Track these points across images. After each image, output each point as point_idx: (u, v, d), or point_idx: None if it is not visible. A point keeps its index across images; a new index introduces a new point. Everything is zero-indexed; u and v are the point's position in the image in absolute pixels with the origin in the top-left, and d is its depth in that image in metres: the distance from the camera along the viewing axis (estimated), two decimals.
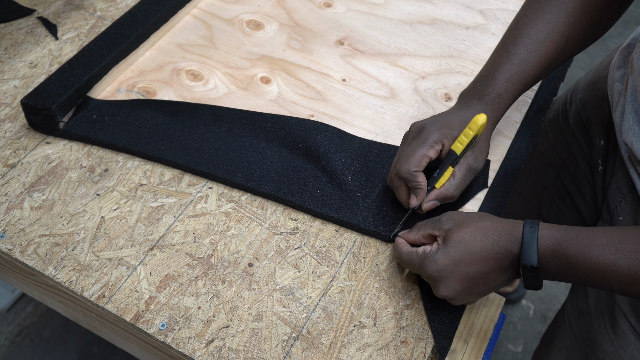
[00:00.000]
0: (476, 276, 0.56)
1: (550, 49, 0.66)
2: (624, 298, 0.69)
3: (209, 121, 0.75)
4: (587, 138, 0.83)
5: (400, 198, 0.66)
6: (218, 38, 0.86)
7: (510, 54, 0.66)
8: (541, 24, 0.66)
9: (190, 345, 0.58)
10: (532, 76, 0.66)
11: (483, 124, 0.62)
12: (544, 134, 0.94)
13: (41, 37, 0.84)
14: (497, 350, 1.46)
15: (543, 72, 0.67)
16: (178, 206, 0.68)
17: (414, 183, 0.63)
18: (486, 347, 0.62)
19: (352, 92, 0.81)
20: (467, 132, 0.63)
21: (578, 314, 0.78)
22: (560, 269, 0.53)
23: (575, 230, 0.53)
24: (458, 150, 0.63)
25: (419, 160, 0.62)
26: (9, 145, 0.72)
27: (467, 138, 0.63)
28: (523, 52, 0.65)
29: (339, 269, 0.64)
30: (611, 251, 0.51)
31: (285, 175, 0.70)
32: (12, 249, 0.64)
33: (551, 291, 1.58)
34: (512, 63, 0.66)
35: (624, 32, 2.20)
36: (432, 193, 0.64)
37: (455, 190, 0.65)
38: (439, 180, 0.64)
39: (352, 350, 0.59)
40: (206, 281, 0.62)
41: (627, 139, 0.65)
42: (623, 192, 0.70)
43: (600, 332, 0.73)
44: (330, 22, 0.90)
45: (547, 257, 0.53)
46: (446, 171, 0.64)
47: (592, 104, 0.82)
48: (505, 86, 0.66)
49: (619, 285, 0.51)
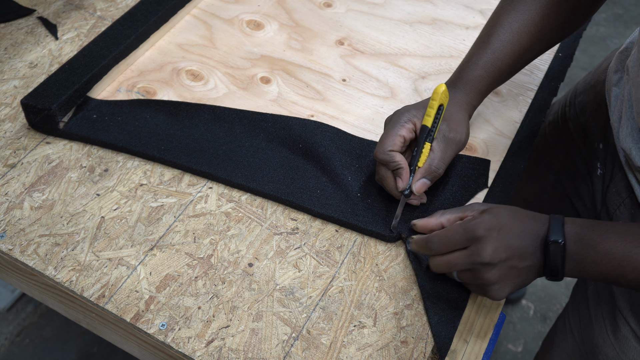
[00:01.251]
0: (516, 247, 0.56)
1: (524, 39, 0.67)
2: (624, 301, 0.68)
3: (209, 121, 0.75)
4: (586, 141, 0.83)
5: (389, 187, 0.66)
6: (218, 38, 0.86)
7: (484, 44, 0.68)
8: (515, 14, 0.67)
9: (190, 345, 0.58)
10: (505, 64, 0.68)
11: (444, 91, 0.64)
12: (544, 137, 0.94)
13: (41, 37, 0.84)
14: (497, 350, 1.46)
15: (518, 61, 0.69)
16: (178, 206, 0.68)
17: (393, 164, 0.64)
18: (486, 347, 0.62)
19: (352, 92, 0.81)
20: (431, 103, 0.64)
21: (579, 318, 0.78)
22: (580, 255, 0.55)
23: (596, 221, 0.56)
24: (428, 122, 0.64)
25: (392, 141, 0.64)
26: (9, 145, 0.72)
27: (433, 109, 0.64)
28: (497, 42, 0.68)
29: (339, 269, 0.64)
30: (628, 239, 0.54)
31: (285, 175, 0.70)
32: (12, 249, 0.64)
33: (551, 291, 1.58)
34: (485, 52, 0.68)
35: (624, 32, 2.20)
36: (417, 172, 0.65)
37: (439, 162, 0.65)
38: (419, 159, 0.65)
39: (352, 350, 0.59)
40: (206, 281, 0.62)
41: (625, 145, 0.65)
42: (622, 196, 0.70)
43: (602, 336, 0.72)
44: (330, 22, 0.90)
45: (572, 240, 0.55)
46: (424, 148, 0.65)
47: (591, 108, 0.82)
48: (478, 72, 0.68)
49: (634, 275, 0.53)
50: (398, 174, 0.64)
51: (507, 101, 0.82)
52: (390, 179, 0.65)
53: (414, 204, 0.67)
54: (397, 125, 0.65)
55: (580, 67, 2.14)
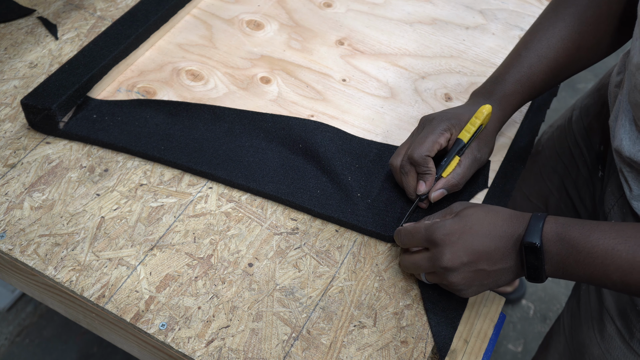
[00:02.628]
0: (482, 251, 0.55)
1: (560, 55, 0.67)
2: (611, 300, 0.68)
3: (209, 121, 0.75)
4: (589, 144, 0.83)
5: (408, 185, 0.66)
6: (218, 38, 0.86)
7: (521, 58, 0.68)
8: (553, 30, 0.67)
9: (190, 345, 0.58)
10: (540, 80, 0.68)
11: (488, 113, 0.65)
12: (549, 140, 0.95)
13: (41, 37, 0.84)
14: (497, 350, 1.46)
15: (552, 78, 0.69)
16: (178, 206, 0.68)
17: (425, 168, 0.64)
18: (486, 347, 0.62)
19: (352, 92, 0.81)
20: (473, 121, 0.65)
21: (571, 317, 0.78)
22: (562, 255, 0.53)
23: (581, 220, 0.54)
24: (465, 138, 0.65)
25: (430, 146, 0.64)
26: (9, 145, 0.72)
27: (474, 127, 0.65)
28: (533, 56, 0.67)
29: (339, 269, 0.64)
30: (611, 236, 0.51)
31: (285, 175, 0.70)
32: (12, 249, 0.64)
33: (551, 291, 1.58)
34: (521, 66, 0.68)
35: None
36: (439, 182, 0.65)
37: (461, 179, 0.66)
38: (446, 169, 0.65)
39: (352, 350, 0.59)
40: (206, 281, 0.62)
41: (618, 137, 0.64)
42: (616, 196, 0.70)
43: (589, 335, 0.72)
44: (330, 22, 0.90)
45: (551, 241, 0.53)
46: (453, 160, 0.65)
47: (594, 110, 0.82)
48: (514, 88, 0.68)
49: (618, 274, 0.51)
50: (424, 178, 0.65)
51: None
52: (412, 179, 0.66)
53: (422, 207, 0.68)
54: (436, 131, 0.65)
55: None
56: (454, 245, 0.56)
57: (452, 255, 0.56)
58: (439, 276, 0.58)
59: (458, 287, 0.57)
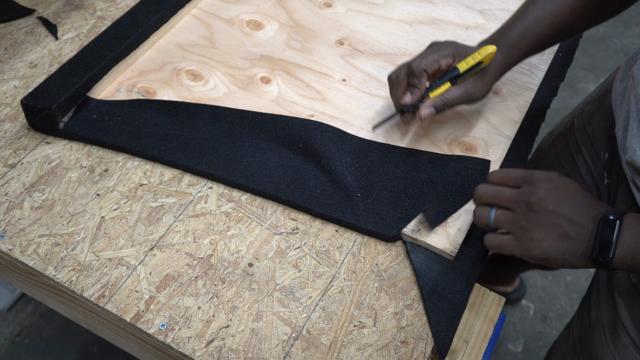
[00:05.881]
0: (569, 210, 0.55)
1: (566, 11, 0.69)
2: (625, 311, 0.68)
3: (209, 121, 0.75)
4: (592, 151, 0.83)
5: (397, 94, 0.71)
6: (218, 38, 0.86)
7: (527, 11, 0.71)
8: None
9: (190, 345, 0.58)
10: (545, 34, 0.70)
11: (492, 52, 0.67)
12: (551, 147, 0.94)
13: (41, 37, 0.84)
14: (497, 350, 1.46)
15: (557, 34, 0.71)
16: (178, 206, 0.68)
17: (416, 80, 0.68)
18: (486, 347, 0.62)
19: (352, 92, 0.81)
20: (475, 55, 0.68)
21: (580, 326, 0.78)
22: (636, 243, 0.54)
23: None
24: (462, 68, 0.68)
25: (431, 62, 0.68)
26: (9, 145, 0.72)
27: (474, 60, 0.68)
28: (539, 10, 0.70)
29: (339, 269, 0.64)
30: None
31: (285, 175, 0.70)
32: (12, 249, 0.64)
33: (551, 291, 1.58)
34: (527, 19, 0.70)
35: (624, 32, 2.20)
36: (427, 100, 0.69)
37: (449, 102, 0.69)
38: (434, 91, 0.69)
39: (352, 350, 0.59)
40: (206, 281, 0.62)
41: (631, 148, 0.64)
42: (628, 205, 0.70)
43: (601, 345, 0.72)
44: (330, 22, 0.90)
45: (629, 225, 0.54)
46: (444, 85, 0.69)
47: (597, 117, 0.82)
48: (518, 39, 0.71)
49: None
50: (412, 91, 0.69)
51: (507, 101, 0.82)
52: (402, 88, 0.70)
53: (404, 122, 0.72)
54: (441, 52, 0.69)
55: (580, 67, 2.14)
56: (549, 190, 0.56)
57: (544, 195, 0.56)
58: (516, 215, 0.57)
59: (531, 231, 0.56)
